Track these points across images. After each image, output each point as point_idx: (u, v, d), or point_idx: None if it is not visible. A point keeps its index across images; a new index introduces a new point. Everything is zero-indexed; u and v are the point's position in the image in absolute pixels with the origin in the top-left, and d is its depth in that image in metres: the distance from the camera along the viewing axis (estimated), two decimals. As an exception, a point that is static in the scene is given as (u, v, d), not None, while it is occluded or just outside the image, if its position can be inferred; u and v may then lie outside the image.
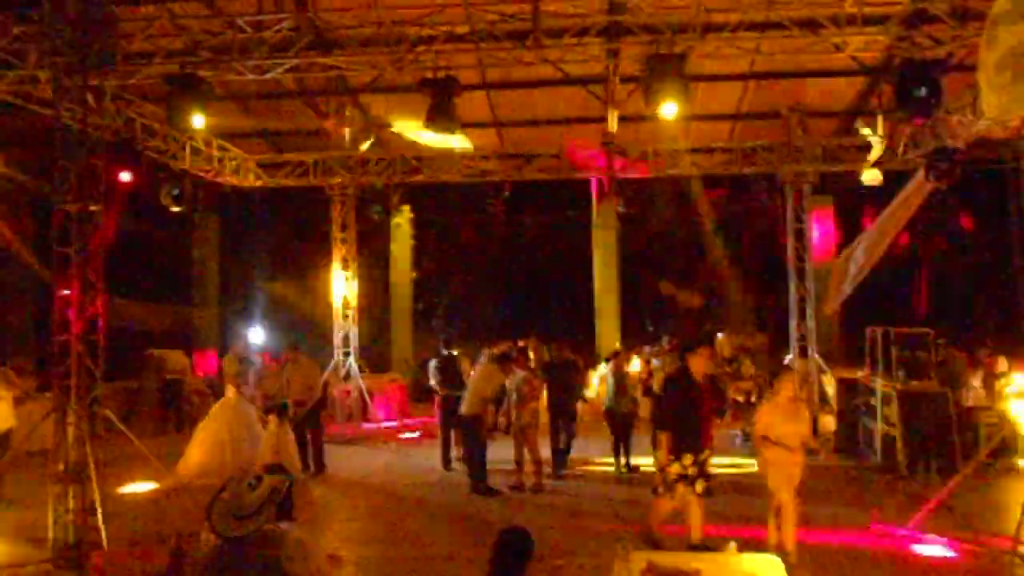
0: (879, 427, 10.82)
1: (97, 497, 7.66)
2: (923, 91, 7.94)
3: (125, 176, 10.60)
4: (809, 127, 13.18)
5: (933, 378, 10.66)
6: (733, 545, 6.36)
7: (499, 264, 19.44)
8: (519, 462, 9.87)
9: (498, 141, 14.89)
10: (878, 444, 10.84)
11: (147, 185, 11.64)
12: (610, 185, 14.26)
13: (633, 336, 18.66)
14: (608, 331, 18.68)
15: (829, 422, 12.39)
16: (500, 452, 10.13)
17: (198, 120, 8.66)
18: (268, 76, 8.94)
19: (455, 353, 11.94)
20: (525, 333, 16.61)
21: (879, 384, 11.00)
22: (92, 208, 7.98)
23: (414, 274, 20.03)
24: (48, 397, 8.14)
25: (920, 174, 11.96)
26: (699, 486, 6.66)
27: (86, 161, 7.96)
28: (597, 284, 18.90)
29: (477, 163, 13.59)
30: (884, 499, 8.78)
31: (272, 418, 9.45)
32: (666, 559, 5.14)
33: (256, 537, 3.27)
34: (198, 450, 10.60)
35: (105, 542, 7.65)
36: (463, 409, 9.88)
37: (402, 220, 19.16)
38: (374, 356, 15.93)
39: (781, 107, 13.09)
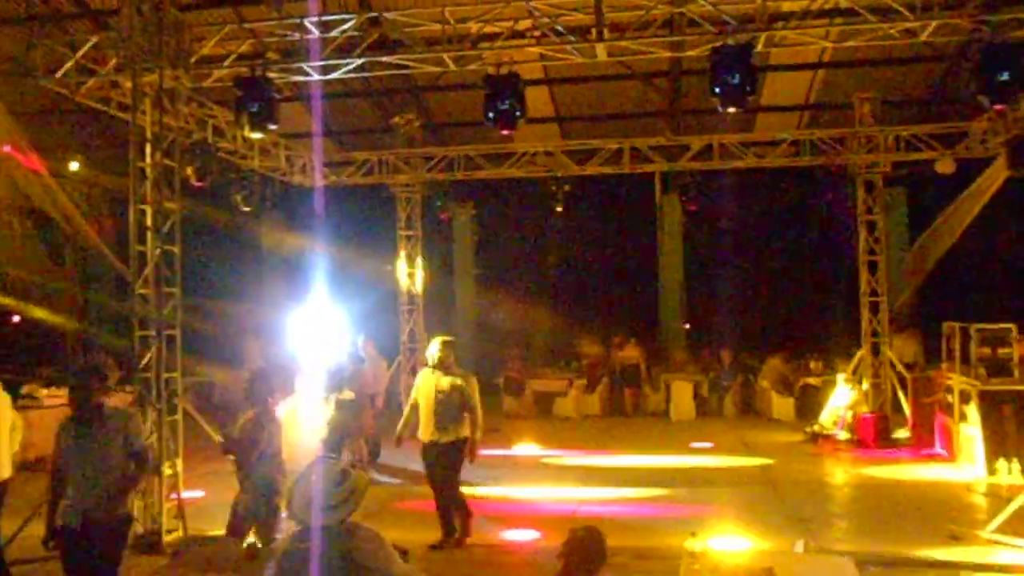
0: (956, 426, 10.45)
1: (180, 485, 7.99)
2: (1006, 76, 7.59)
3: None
4: (883, 116, 12.75)
5: (1016, 376, 10.23)
6: (801, 544, 6.23)
7: (560, 261, 19.36)
8: None
9: (560, 136, 14.84)
10: (956, 443, 10.46)
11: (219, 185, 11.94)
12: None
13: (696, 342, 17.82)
14: (674, 330, 18.42)
15: None
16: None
17: (266, 122, 8.81)
18: (334, 76, 9.09)
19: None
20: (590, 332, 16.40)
21: (957, 381, 10.61)
22: (168, 207, 8.28)
23: (476, 271, 20.08)
24: (129, 391, 8.50)
25: (996, 164, 11.45)
26: None
27: (161, 162, 8.27)
28: (663, 281, 18.63)
29: (539, 158, 13.57)
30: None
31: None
32: (737, 558, 5.06)
33: (329, 528, 3.33)
34: None
35: (184, 530, 7.95)
36: None
37: (465, 216, 19.22)
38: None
39: (852, 96, 12.71)
